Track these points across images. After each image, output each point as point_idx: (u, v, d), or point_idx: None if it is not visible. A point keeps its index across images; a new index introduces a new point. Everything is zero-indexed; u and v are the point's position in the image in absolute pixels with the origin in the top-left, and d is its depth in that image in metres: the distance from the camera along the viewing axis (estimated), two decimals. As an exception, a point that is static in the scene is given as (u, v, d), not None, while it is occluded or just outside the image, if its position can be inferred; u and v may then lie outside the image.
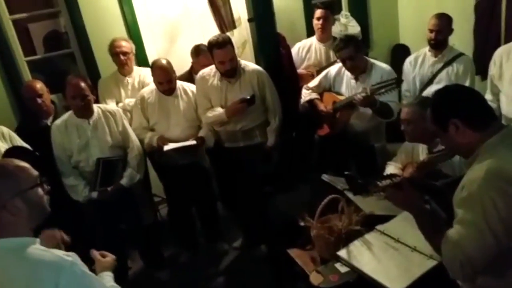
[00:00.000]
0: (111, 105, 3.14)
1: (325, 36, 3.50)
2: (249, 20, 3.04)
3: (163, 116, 3.01)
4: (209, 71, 3.00)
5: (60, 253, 1.30)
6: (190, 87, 3.09)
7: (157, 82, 2.95)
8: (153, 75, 2.98)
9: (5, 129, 2.77)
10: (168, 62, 2.95)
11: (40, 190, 1.34)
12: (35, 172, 1.34)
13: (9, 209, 1.25)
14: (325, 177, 2.39)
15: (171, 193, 3.32)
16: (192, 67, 3.42)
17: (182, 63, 3.50)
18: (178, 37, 3.95)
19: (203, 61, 3.18)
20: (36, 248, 1.28)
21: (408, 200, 1.54)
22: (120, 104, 3.27)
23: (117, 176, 2.81)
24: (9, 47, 3.56)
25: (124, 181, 2.82)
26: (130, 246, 3.23)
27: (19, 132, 2.88)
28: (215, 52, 2.80)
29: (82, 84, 2.66)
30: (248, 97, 2.84)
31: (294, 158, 3.09)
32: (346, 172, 1.86)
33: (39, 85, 2.99)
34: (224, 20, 3.35)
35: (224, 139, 3.08)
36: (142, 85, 3.32)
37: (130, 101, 3.28)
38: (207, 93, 2.97)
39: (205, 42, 3.29)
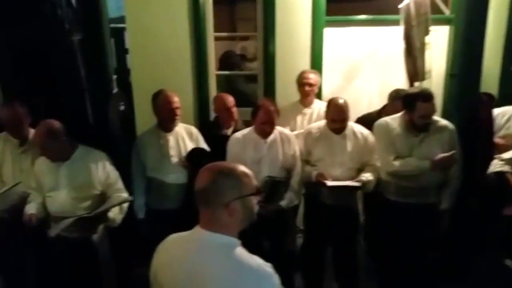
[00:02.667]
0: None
1: None
2: (451, 76, 2.89)
3: (328, 153, 3.00)
4: (392, 120, 2.92)
5: (261, 261, 1.34)
6: (360, 129, 3.06)
7: (331, 119, 2.97)
8: (328, 111, 3.00)
9: (194, 130, 3.12)
10: (346, 102, 2.95)
11: (254, 199, 1.41)
12: (255, 181, 1.41)
13: (229, 209, 1.33)
14: (510, 262, 2.08)
15: (312, 227, 3.25)
16: (383, 109, 3.41)
17: (354, 103, 3.49)
18: (356, 77, 4.01)
19: (397, 106, 3.11)
20: (242, 251, 1.35)
21: None
22: (295, 132, 3.37)
23: (279, 197, 2.91)
24: (206, 61, 4.03)
25: (283, 203, 2.91)
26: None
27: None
28: (420, 104, 2.69)
29: (273, 112, 2.85)
30: (455, 151, 2.68)
31: (468, 231, 2.79)
32: None
33: (231, 98, 3.29)
34: (417, 70, 3.26)
35: (393, 191, 2.94)
36: (321, 118, 3.38)
37: None
38: (392, 142, 2.88)
39: (387, 87, 3.26)
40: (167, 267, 1.40)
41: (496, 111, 3.27)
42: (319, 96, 3.86)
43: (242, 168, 1.41)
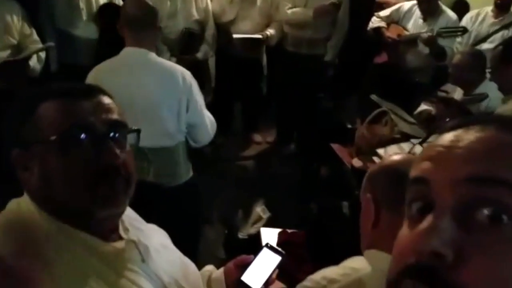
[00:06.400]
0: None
1: None
2: None
3: (241, 8, 3.28)
4: None
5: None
6: None
7: None
8: None
9: None
10: None
11: None
12: None
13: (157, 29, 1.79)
14: (374, 97, 2.78)
15: (223, 80, 3.61)
16: None
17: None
18: None
19: None
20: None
21: None
22: None
23: (195, 49, 3.18)
24: None
25: (199, 55, 3.21)
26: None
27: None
28: None
29: None
30: (337, 2, 3.10)
31: (347, 77, 3.45)
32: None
33: None
34: None
35: (289, 42, 3.41)
36: None
37: None
38: None
39: None
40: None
41: None
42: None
43: None
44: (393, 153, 1.65)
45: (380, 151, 2.29)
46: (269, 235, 1.77)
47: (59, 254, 0.69)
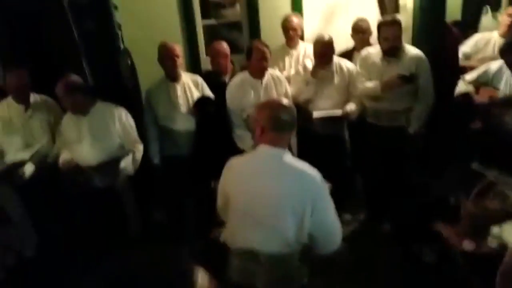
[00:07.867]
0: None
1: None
2: (420, 8, 3.22)
3: (319, 88, 3.34)
4: (374, 50, 3.25)
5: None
6: (346, 64, 3.37)
7: (318, 54, 3.25)
8: (315, 48, 3.27)
9: (199, 79, 3.34)
10: (330, 39, 3.22)
11: None
12: None
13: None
14: (475, 165, 2.55)
15: (305, 158, 3.62)
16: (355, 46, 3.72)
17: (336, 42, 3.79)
18: (334, 18, 4.26)
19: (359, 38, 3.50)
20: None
21: None
22: (284, 73, 3.68)
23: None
24: (193, 11, 4.17)
25: None
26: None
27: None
28: (383, 28, 3.05)
29: (267, 48, 3.11)
30: (407, 75, 3.00)
31: (441, 146, 3.25)
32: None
33: (227, 45, 3.47)
34: (386, 4, 3.54)
35: (370, 114, 3.36)
36: (307, 57, 3.68)
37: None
38: (367, 69, 3.25)
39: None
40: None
41: (476, 36, 3.68)
42: (301, 37, 4.13)
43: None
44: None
45: (496, 229, 2.03)
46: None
47: None
